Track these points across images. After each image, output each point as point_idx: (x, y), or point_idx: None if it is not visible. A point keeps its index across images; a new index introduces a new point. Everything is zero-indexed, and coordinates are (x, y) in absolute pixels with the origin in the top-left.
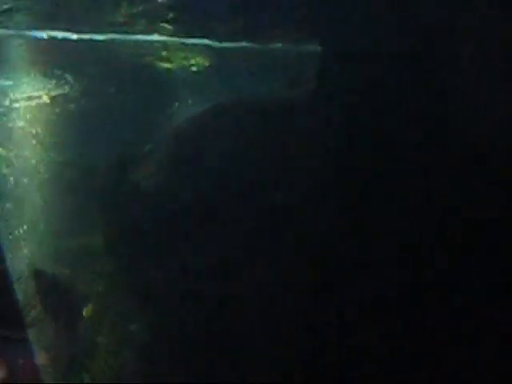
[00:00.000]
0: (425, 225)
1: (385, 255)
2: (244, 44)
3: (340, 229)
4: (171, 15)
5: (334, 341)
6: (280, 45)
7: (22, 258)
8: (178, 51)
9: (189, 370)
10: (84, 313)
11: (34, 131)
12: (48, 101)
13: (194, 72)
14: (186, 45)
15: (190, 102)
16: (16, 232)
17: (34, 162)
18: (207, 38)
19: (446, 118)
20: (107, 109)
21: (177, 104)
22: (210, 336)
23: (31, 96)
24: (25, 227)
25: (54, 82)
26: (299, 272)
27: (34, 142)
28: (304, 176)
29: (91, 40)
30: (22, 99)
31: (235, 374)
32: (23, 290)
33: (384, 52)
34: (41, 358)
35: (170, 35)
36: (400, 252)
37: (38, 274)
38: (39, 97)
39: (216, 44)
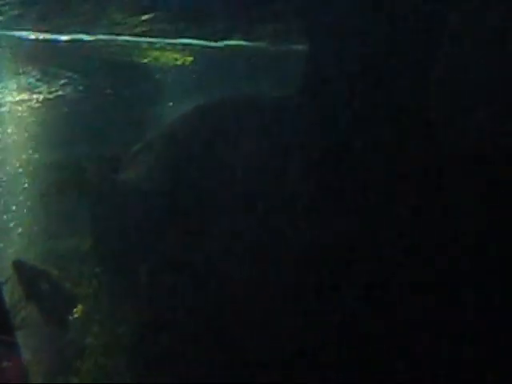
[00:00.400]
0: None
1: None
2: (231, 42)
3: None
4: (157, 16)
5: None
6: (269, 44)
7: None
8: (165, 51)
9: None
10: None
11: (21, 131)
12: (37, 101)
13: (181, 71)
14: (173, 45)
15: (177, 100)
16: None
17: (20, 162)
18: (194, 38)
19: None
20: (96, 108)
21: (164, 103)
22: (199, 334)
23: (21, 95)
24: (12, 228)
25: (43, 81)
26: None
27: (22, 142)
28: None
29: (80, 41)
30: (12, 99)
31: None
32: (10, 291)
33: (372, 51)
34: (29, 360)
35: (158, 36)
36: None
37: (16, 266)
38: (28, 97)
39: (203, 44)
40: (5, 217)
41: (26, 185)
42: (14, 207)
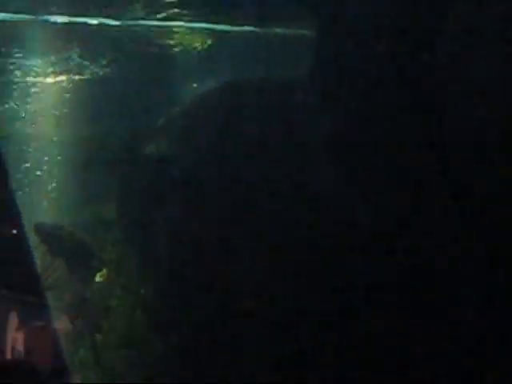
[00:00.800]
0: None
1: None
2: (248, 28)
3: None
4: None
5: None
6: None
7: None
8: (184, 35)
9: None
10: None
11: (48, 110)
12: (61, 82)
13: (200, 55)
14: (192, 29)
15: (195, 83)
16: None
17: (52, 137)
18: (212, 22)
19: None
20: (119, 90)
21: (183, 85)
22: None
23: (48, 76)
24: (46, 195)
25: (67, 64)
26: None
27: (48, 120)
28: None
29: (104, 25)
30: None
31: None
32: (41, 255)
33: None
34: (58, 321)
35: (177, 20)
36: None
37: (37, 227)
38: (54, 78)
39: (220, 28)
40: (39, 174)
41: (59, 156)
42: (42, 174)
